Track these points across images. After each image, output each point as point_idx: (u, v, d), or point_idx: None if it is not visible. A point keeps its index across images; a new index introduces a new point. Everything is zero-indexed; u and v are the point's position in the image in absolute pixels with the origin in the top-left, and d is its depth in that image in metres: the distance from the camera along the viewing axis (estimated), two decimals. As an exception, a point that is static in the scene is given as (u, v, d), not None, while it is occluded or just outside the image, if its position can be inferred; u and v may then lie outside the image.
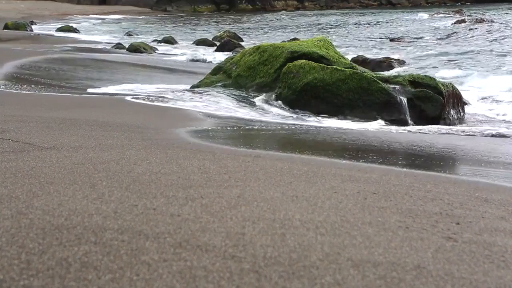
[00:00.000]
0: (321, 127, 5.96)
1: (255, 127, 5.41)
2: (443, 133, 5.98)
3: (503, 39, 19.31)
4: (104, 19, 46.42)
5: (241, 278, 1.68)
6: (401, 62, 14.88)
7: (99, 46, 18.14)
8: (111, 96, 7.08)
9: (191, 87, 8.23)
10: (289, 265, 1.80)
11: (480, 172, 3.86)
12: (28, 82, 7.85)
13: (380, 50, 18.53)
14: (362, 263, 1.85)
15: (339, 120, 6.56)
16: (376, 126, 6.36)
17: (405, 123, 6.53)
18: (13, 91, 6.82)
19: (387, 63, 14.48)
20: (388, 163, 3.86)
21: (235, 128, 5.28)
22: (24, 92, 6.83)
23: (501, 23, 26.41)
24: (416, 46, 19.14)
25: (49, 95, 6.75)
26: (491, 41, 18.85)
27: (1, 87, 6.93)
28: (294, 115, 6.77)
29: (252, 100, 7.34)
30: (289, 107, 6.96)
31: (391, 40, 21.97)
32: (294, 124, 5.87)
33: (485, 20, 27.85)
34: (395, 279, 1.75)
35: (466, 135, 5.93)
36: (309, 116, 6.72)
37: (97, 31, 30.63)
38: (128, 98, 6.61)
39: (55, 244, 1.84)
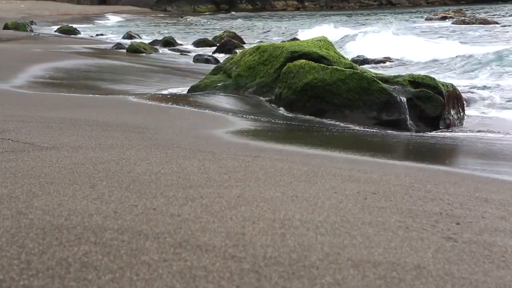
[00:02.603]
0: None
1: (261, 127, 5.42)
2: None
3: (507, 40, 19.28)
4: (104, 19, 46.42)
5: (241, 278, 1.68)
6: (401, 62, 14.87)
7: (101, 47, 18.13)
8: (111, 96, 7.09)
9: (191, 87, 8.22)
10: (289, 265, 1.80)
11: None
12: (63, 86, 7.88)
13: (379, 50, 18.50)
14: (362, 263, 1.85)
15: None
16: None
17: (405, 123, 6.53)
18: (19, 91, 6.82)
19: (386, 63, 14.48)
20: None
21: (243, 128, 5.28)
22: (24, 91, 6.83)
23: (506, 24, 26.45)
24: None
25: (49, 95, 6.75)
26: (494, 42, 18.81)
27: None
28: (293, 115, 6.77)
29: (252, 100, 7.34)
30: (289, 106, 6.95)
31: None
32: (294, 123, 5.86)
33: (488, 20, 27.80)
34: (395, 279, 1.75)
35: None
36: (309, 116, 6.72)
37: (96, 31, 30.63)
38: (129, 98, 6.61)
39: (55, 244, 1.84)
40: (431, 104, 6.68)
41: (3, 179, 2.59)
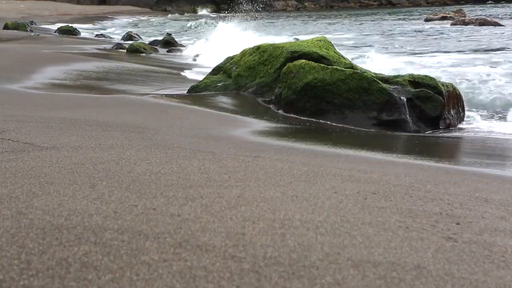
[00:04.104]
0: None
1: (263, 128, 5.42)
2: None
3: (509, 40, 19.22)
4: (104, 19, 46.44)
5: (241, 278, 1.68)
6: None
7: (101, 47, 18.14)
8: (111, 96, 7.09)
9: (191, 87, 8.22)
10: (289, 265, 1.80)
11: None
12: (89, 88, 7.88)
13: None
14: (362, 263, 1.85)
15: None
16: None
17: (405, 123, 6.53)
18: (25, 91, 6.82)
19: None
20: None
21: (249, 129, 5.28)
22: (24, 91, 6.83)
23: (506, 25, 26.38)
24: (415, 46, 19.13)
25: (49, 94, 6.75)
26: (496, 43, 18.77)
27: None
28: (293, 115, 6.77)
29: (252, 100, 7.35)
30: (289, 106, 6.95)
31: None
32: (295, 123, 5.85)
33: (489, 21, 27.75)
34: (395, 279, 1.75)
35: None
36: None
37: (97, 31, 30.63)
38: (129, 98, 6.61)
39: (55, 244, 1.84)
40: (431, 104, 6.68)
41: (3, 179, 2.59)
